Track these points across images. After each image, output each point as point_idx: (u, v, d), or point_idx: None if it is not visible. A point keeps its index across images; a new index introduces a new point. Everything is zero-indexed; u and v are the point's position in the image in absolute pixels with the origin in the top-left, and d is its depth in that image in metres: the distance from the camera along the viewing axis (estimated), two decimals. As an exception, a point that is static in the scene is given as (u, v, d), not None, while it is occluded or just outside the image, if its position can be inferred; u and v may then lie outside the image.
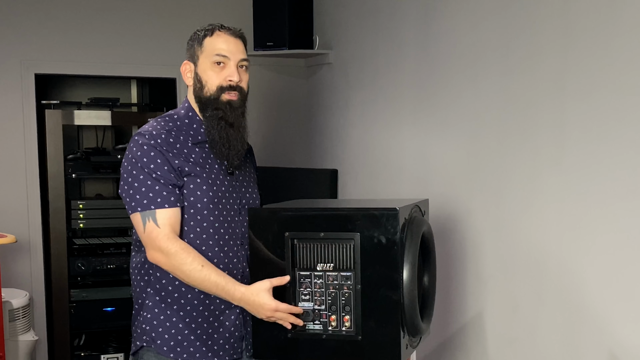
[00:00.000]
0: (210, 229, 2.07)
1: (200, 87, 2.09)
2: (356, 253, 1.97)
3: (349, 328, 2.00)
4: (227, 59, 2.08)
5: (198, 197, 2.04)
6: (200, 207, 2.05)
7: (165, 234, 1.99)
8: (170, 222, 2.00)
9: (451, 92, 3.11)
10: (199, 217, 2.05)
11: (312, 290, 2.03)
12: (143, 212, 2.00)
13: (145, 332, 2.08)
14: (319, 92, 4.37)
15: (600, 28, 2.33)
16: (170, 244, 1.98)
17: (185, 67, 2.14)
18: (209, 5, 4.36)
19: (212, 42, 2.09)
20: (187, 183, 2.04)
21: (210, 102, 2.08)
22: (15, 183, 4.02)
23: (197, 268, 1.98)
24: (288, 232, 2.02)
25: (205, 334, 2.08)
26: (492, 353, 2.91)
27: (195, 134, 2.10)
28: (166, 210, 2.00)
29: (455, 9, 3.07)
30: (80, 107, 4.33)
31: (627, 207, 2.26)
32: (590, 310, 2.42)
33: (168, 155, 2.01)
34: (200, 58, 2.09)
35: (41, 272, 4.13)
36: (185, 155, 2.05)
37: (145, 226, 2.00)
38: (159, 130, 2.04)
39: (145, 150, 2.01)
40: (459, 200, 3.07)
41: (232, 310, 2.12)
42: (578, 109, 2.44)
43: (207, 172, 2.07)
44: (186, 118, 2.12)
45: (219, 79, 2.08)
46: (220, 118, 2.07)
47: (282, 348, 2.06)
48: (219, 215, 2.08)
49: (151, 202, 1.99)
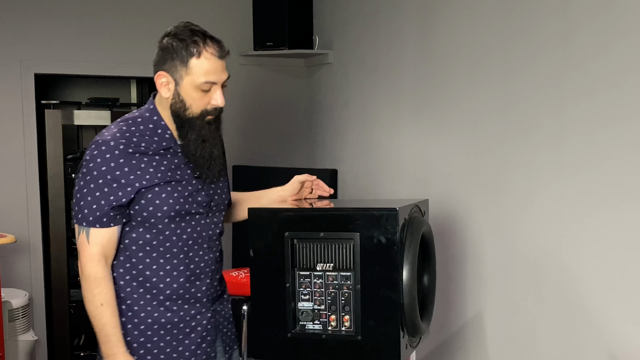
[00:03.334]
0: (173, 237, 2.01)
1: (182, 108, 1.98)
2: (356, 253, 1.96)
3: (348, 328, 2.00)
4: (214, 84, 1.98)
5: (157, 207, 1.97)
6: (160, 216, 1.98)
7: (91, 255, 1.95)
8: (102, 242, 1.95)
9: (451, 92, 3.11)
10: (160, 226, 1.99)
11: (311, 290, 2.03)
12: (79, 225, 1.96)
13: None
14: (319, 92, 4.37)
15: (600, 28, 2.33)
16: (90, 266, 1.95)
17: (162, 79, 1.98)
18: (209, 5, 4.36)
19: (200, 65, 1.94)
20: (144, 194, 1.96)
21: (190, 123, 1.99)
22: (15, 183, 4.01)
23: (96, 303, 1.95)
24: (288, 232, 2.02)
25: (175, 340, 2.05)
26: (492, 353, 2.91)
27: (159, 141, 2.01)
28: (99, 230, 1.95)
29: (455, 9, 3.07)
30: (80, 107, 4.33)
31: (626, 207, 2.26)
32: (589, 310, 2.42)
33: (123, 170, 1.93)
34: (185, 80, 1.95)
35: (41, 272, 4.13)
36: (145, 165, 1.96)
37: (79, 237, 1.97)
38: (117, 140, 1.94)
39: (99, 162, 1.92)
40: (459, 200, 3.07)
41: (203, 314, 2.10)
42: (577, 109, 2.44)
43: (169, 180, 1.99)
44: (150, 123, 2.01)
45: (203, 102, 1.98)
46: (204, 140, 2.01)
47: (281, 348, 2.05)
48: (180, 222, 2.02)
49: (86, 218, 1.94)
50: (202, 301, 2.10)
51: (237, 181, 4.09)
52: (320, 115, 4.36)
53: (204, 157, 2.02)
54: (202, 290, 2.09)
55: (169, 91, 1.98)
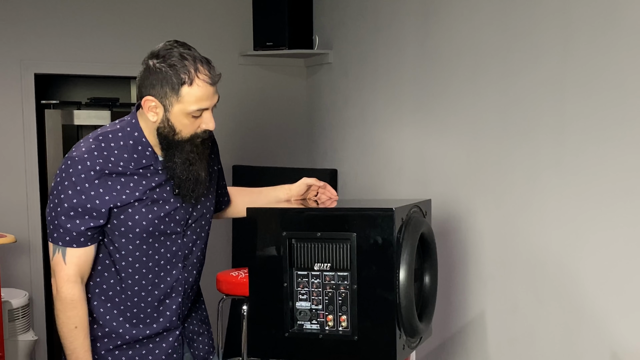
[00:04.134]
0: (144, 257, 1.97)
1: (171, 133, 1.90)
2: (353, 253, 1.96)
3: (345, 328, 1.99)
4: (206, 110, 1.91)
5: (129, 227, 1.92)
6: (132, 236, 1.94)
7: (67, 276, 1.90)
8: (79, 262, 1.90)
9: (451, 92, 3.11)
10: (130, 247, 1.95)
11: (309, 290, 2.03)
12: (54, 244, 1.91)
13: None
14: (319, 92, 4.36)
15: (600, 28, 2.33)
16: (65, 287, 1.90)
17: (150, 104, 1.88)
18: (209, 5, 4.36)
19: (192, 93, 1.85)
20: (117, 214, 1.91)
21: (178, 145, 1.92)
22: (15, 183, 4.02)
23: (70, 325, 1.91)
24: (286, 232, 2.02)
25: (137, 356, 2.02)
26: (492, 353, 2.91)
27: (139, 158, 1.93)
28: (76, 250, 1.89)
29: (455, 9, 3.07)
30: (80, 107, 4.34)
31: (626, 207, 2.25)
32: (589, 310, 2.41)
33: (98, 190, 1.87)
34: (175, 106, 1.86)
35: (41, 272, 4.14)
36: (121, 186, 1.90)
37: (54, 256, 1.91)
38: (94, 160, 1.87)
39: (73, 181, 1.86)
40: (459, 200, 3.07)
41: (172, 332, 2.06)
42: (578, 110, 2.43)
43: (144, 199, 1.93)
44: (131, 139, 1.93)
45: (193, 127, 1.91)
46: (191, 164, 1.94)
47: (278, 347, 2.05)
48: (154, 242, 1.97)
49: (62, 238, 1.88)
50: (171, 320, 2.05)
51: (237, 181, 4.08)
52: (320, 115, 4.35)
53: (190, 179, 1.95)
54: (172, 309, 2.05)
55: (156, 115, 1.90)
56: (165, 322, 2.04)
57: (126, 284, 1.98)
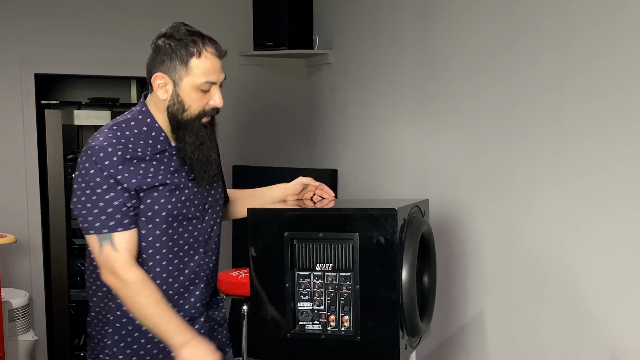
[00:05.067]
0: (170, 242, 1.98)
1: (181, 109, 1.94)
2: (355, 253, 1.96)
3: (347, 328, 2.00)
4: (213, 84, 1.96)
5: (156, 212, 1.94)
6: (158, 221, 1.95)
7: (124, 261, 1.89)
8: (129, 246, 1.90)
9: (451, 92, 3.11)
10: (157, 232, 1.96)
11: (311, 291, 2.03)
12: (99, 235, 1.88)
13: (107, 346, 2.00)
14: (319, 92, 4.37)
15: (600, 28, 2.33)
16: (129, 272, 1.89)
17: (161, 81, 1.93)
18: (209, 5, 4.36)
19: (201, 65, 1.91)
20: (143, 198, 1.92)
21: (187, 125, 1.96)
22: (15, 183, 4.02)
23: (152, 303, 1.90)
24: (287, 232, 2.02)
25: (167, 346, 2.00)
26: (492, 353, 2.91)
27: (154, 144, 1.96)
28: (123, 233, 1.89)
29: (455, 9, 3.07)
30: (80, 107, 4.33)
31: (627, 207, 2.26)
32: (590, 310, 2.42)
33: (123, 174, 1.88)
34: (185, 80, 1.92)
35: (41, 272, 4.14)
36: (143, 169, 1.92)
37: (102, 249, 1.88)
38: (114, 146, 1.89)
39: (99, 168, 1.87)
40: (459, 200, 3.07)
41: (197, 319, 2.07)
42: (578, 109, 2.44)
43: (168, 183, 1.96)
44: (144, 125, 1.96)
45: (202, 103, 1.95)
46: (201, 144, 1.97)
47: (280, 348, 2.05)
48: (177, 227, 1.99)
49: (106, 225, 1.87)
50: (195, 306, 2.07)
51: (237, 181, 4.09)
52: (320, 115, 4.36)
53: (201, 160, 1.98)
54: (196, 295, 2.06)
55: (166, 93, 1.94)
56: (190, 309, 2.05)
57: (154, 272, 1.98)
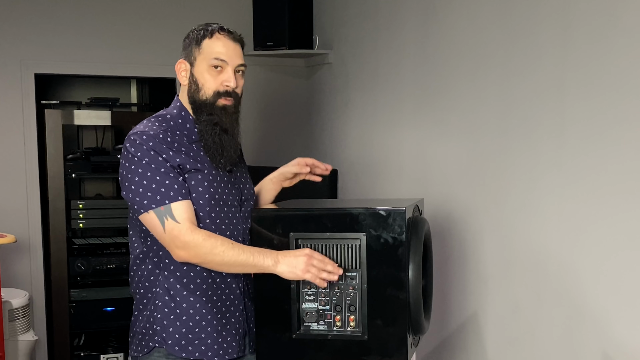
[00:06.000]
0: (213, 226, 2.04)
1: (196, 89, 2.06)
2: (362, 253, 1.97)
3: (354, 328, 2.01)
4: (225, 63, 2.04)
5: (200, 194, 2.01)
6: (202, 203, 2.02)
7: (187, 228, 1.95)
8: (188, 215, 1.97)
9: (451, 92, 3.12)
10: (201, 214, 2.02)
11: (316, 291, 2.04)
12: (158, 210, 1.95)
13: (157, 332, 2.05)
14: (319, 92, 4.37)
15: (600, 29, 2.34)
16: (195, 235, 1.95)
17: (181, 66, 2.10)
18: (209, 5, 4.36)
19: (211, 44, 2.05)
20: (188, 179, 2.01)
21: (205, 105, 2.05)
22: (15, 183, 4.01)
23: (227, 248, 1.96)
24: (293, 233, 2.03)
25: (215, 331, 2.06)
26: (492, 353, 2.92)
27: (189, 133, 2.08)
28: (181, 203, 1.97)
29: (455, 9, 3.08)
30: (80, 107, 4.33)
31: (627, 207, 2.27)
32: (590, 310, 2.43)
33: (168, 153, 1.99)
34: (198, 60, 2.06)
35: (41, 272, 4.13)
36: (185, 152, 2.02)
37: (165, 225, 1.95)
38: (155, 130, 2.01)
39: (145, 149, 1.97)
40: (459, 200, 3.08)
41: (236, 307, 2.11)
42: (578, 109, 2.45)
43: (207, 169, 2.05)
44: (179, 118, 2.09)
45: (215, 83, 2.04)
46: (215, 124, 2.04)
47: (286, 349, 2.06)
48: (220, 212, 2.06)
49: (164, 197, 1.95)
50: (236, 293, 2.11)
51: (237, 181, 4.09)
52: (320, 115, 4.36)
53: (215, 141, 2.04)
54: (237, 282, 2.11)
55: (185, 76, 2.08)
56: (230, 295, 2.09)
57: None
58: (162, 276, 2.05)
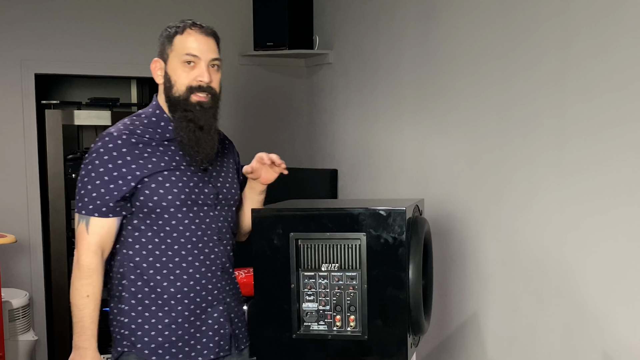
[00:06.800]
0: (180, 227, 2.02)
1: (170, 87, 2.04)
2: (362, 253, 1.97)
3: (354, 328, 2.01)
4: (197, 58, 2.02)
5: (162, 196, 1.99)
6: (165, 205, 2.00)
7: (88, 244, 1.98)
8: (101, 232, 1.98)
9: (451, 92, 3.12)
10: (166, 216, 2.01)
11: (316, 291, 2.04)
12: (79, 214, 1.99)
13: (124, 336, 2.04)
14: (319, 92, 4.37)
15: (600, 29, 2.35)
16: (85, 256, 1.97)
17: (156, 65, 2.08)
18: (209, 5, 4.36)
19: (183, 40, 2.04)
20: (148, 184, 1.99)
21: (179, 102, 2.03)
22: (15, 183, 4.01)
23: (82, 293, 1.97)
24: (293, 233, 2.03)
25: (187, 334, 2.04)
26: (491, 353, 2.92)
27: (162, 132, 2.05)
28: (98, 220, 1.98)
29: (455, 9, 3.08)
30: (80, 107, 4.34)
31: (627, 207, 2.27)
32: (590, 310, 2.43)
33: (125, 158, 1.97)
34: (170, 56, 2.04)
35: (41, 272, 4.13)
36: (148, 154, 2.00)
37: (78, 226, 1.99)
38: (121, 132, 2.00)
39: (101, 153, 1.97)
40: (459, 200, 3.08)
41: (215, 307, 2.08)
42: (578, 110, 2.45)
43: (173, 169, 2.02)
44: (153, 116, 2.07)
45: (188, 78, 2.02)
46: (189, 120, 2.02)
47: (286, 349, 2.06)
48: (188, 212, 2.03)
49: (86, 207, 1.98)
50: (213, 293, 2.08)
51: (237, 181, 4.09)
52: (320, 115, 4.36)
53: (190, 138, 2.02)
54: (213, 282, 2.08)
55: (161, 75, 2.07)
56: (207, 295, 2.07)
57: (160, 262, 2.02)
58: (129, 280, 2.03)
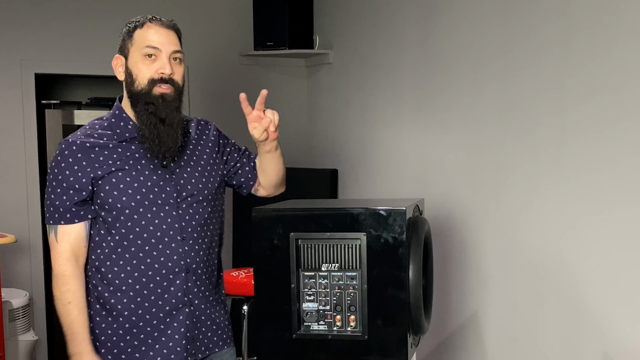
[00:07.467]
0: (137, 228, 1.99)
1: (131, 81, 2.00)
2: (362, 253, 1.98)
3: (354, 328, 2.01)
4: (158, 50, 2.00)
5: (116, 198, 1.97)
6: (120, 207, 1.98)
7: (59, 253, 1.99)
8: (70, 239, 1.99)
9: (451, 92, 3.12)
10: (122, 218, 1.98)
11: (316, 291, 2.04)
12: (48, 225, 2.01)
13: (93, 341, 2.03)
14: (319, 92, 4.37)
15: (601, 29, 2.35)
16: (58, 264, 1.99)
17: (117, 62, 2.05)
18: (209, 5, 4.36)
19: (142, 34, 2.03)
20: (102, 186, 1.97)
21: (141, 96, 1.99)
22: (15, 183, 4.01)
23: (63, 301, 1.97)
24: (293, 233, 2.03)
25: (150, 338, 2.02)
26: (492, 353, 2.92)
27: (122, 132, 2.03)
28: (65, 227, 1.98)
29: (455, 9, 3.08)
30: (80, 107, 4.34)
31: (626, 207, 2.27)
32: (589, 310, 2.43)
33: (81, 163, 1.97)
34: (131, 51, 2.01)
35: (41, 272, 4.13)
36: (104, 157, 1.99)
37: (49, 237, 2.01)
38: (77, 137, 2.01)
39: (58, 161, 1.98)
40: (459, 200, 3.08)
41: (181, 310, 2.04)
42: (578, 110, 2.45)
43: (129, 169, 1.99)
44: (113, 117, 2.05)
45: (150, 71, 1.99)
46: (150, 113, 1.98)
47: (286, 349, 2.06)
48: (145, 212, 1.99)
49: (52, 216, 1.99)
50: (177, 296, 2.02)
51: (237, 181, 4.09)
52: (320, 115, 4.37)
53: (152, 132, 1.98)
54: (177, 284, 2.02)
55: (122, 71, 2.04)
56: (171, 298, 2.02)
57: (118, 265, 2.00)
58: (92, 285, 2.03)
